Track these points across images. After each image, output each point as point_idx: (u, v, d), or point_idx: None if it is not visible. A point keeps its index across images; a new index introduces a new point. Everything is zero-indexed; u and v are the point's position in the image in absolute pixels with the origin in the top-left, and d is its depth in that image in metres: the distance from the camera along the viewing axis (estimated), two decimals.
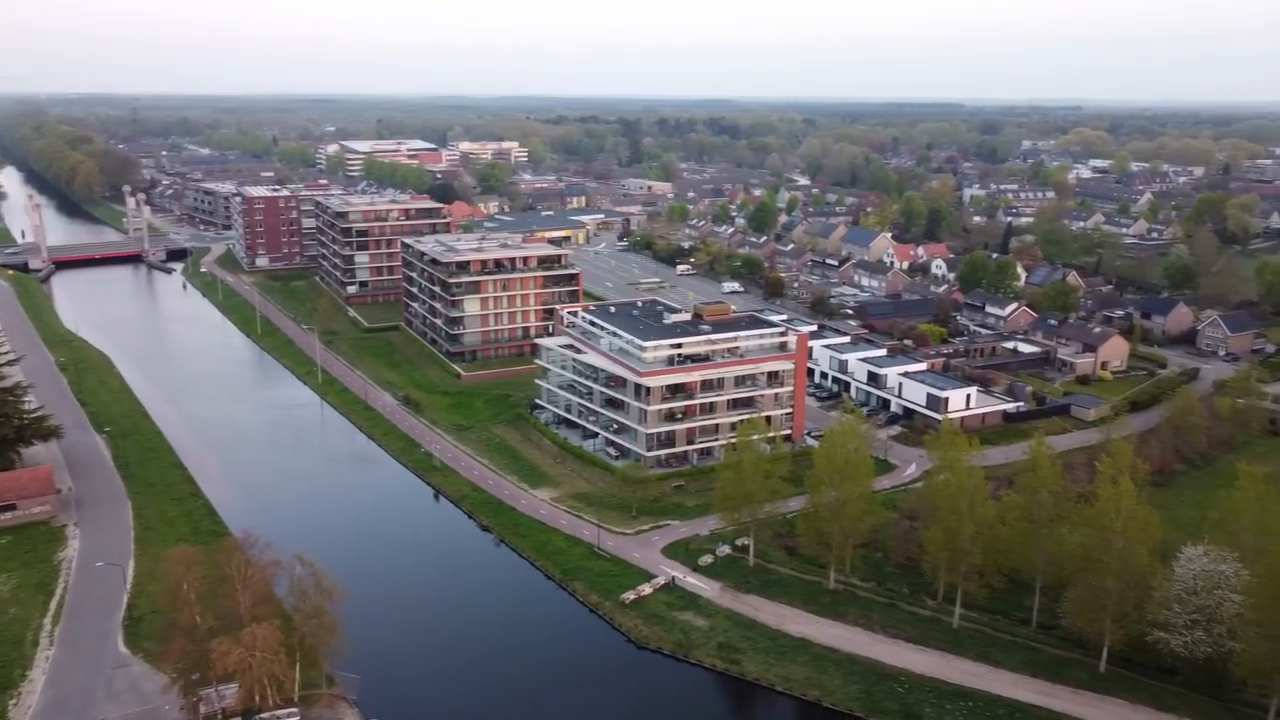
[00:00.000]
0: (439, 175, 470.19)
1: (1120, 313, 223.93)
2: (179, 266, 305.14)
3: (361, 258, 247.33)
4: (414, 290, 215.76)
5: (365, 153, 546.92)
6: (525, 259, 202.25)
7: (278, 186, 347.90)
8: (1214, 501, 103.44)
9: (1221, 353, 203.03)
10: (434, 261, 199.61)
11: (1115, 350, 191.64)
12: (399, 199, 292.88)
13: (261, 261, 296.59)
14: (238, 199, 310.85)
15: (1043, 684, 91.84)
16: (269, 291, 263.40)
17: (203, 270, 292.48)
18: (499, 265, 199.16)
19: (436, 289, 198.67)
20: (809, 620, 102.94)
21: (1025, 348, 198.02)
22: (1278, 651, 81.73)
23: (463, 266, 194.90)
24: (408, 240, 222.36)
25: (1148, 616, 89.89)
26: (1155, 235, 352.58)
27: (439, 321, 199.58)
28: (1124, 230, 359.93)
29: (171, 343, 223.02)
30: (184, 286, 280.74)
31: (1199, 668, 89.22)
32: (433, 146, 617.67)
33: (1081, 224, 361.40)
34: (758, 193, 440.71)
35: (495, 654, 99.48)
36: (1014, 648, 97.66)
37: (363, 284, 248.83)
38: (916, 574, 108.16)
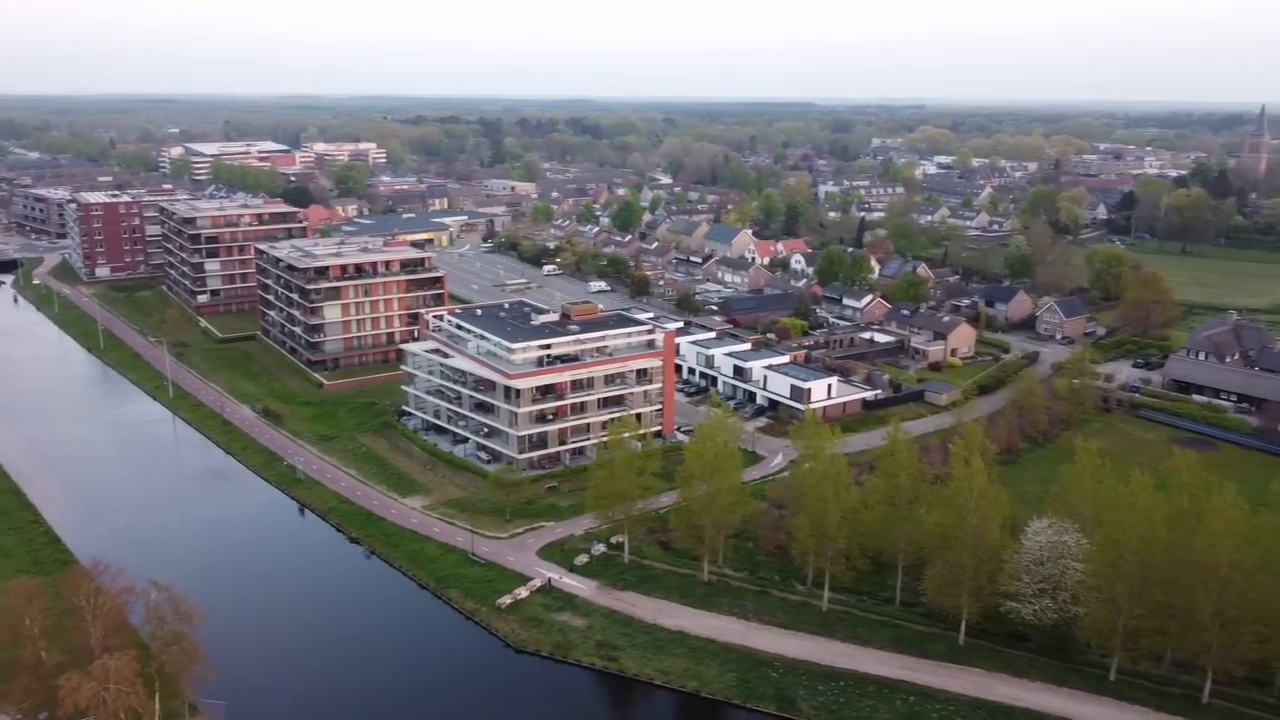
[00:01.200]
0: (293, 178, 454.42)
1: (967, 302, 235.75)
2: (8, 279, 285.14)
3: (212, 265, 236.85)
4: (270, 298, 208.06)
5: (212, 155, 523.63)
6: (387, 263, 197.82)
7: (117, 192, 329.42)
8: (1055, 476, 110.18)
9: (1058, 336, 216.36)
10: (290, 268, 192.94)
11: (963, 337, 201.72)
12: (251, 203, 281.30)
13: (102, 272, 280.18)
14: (73, 206, 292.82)
15: (907, 659, 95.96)
16: (111, 303, 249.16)
17: (36, 282, 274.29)
18: (360, 270, 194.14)
19: (294, 296, 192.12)
20: (685, 613, 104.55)
21: (881, 338, 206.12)
22: (1115, 614, 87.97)
23: (321, 272, 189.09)
24: (262, 246, 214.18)
25: (1000, 588, 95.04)
26: (996, 227, 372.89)
27: (298, 330, 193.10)
28: (968, 223, 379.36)
29: (1, 360, 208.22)
30: (15, 300, 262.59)
31: (1047, 633, 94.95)
32: (285, 148, 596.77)
33: (929, 218, 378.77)
34: (621, 192, 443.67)
35: (370, 670, 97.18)
36: (880, 626, 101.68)
37: (214, 293, 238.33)
38: (786, 561, 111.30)
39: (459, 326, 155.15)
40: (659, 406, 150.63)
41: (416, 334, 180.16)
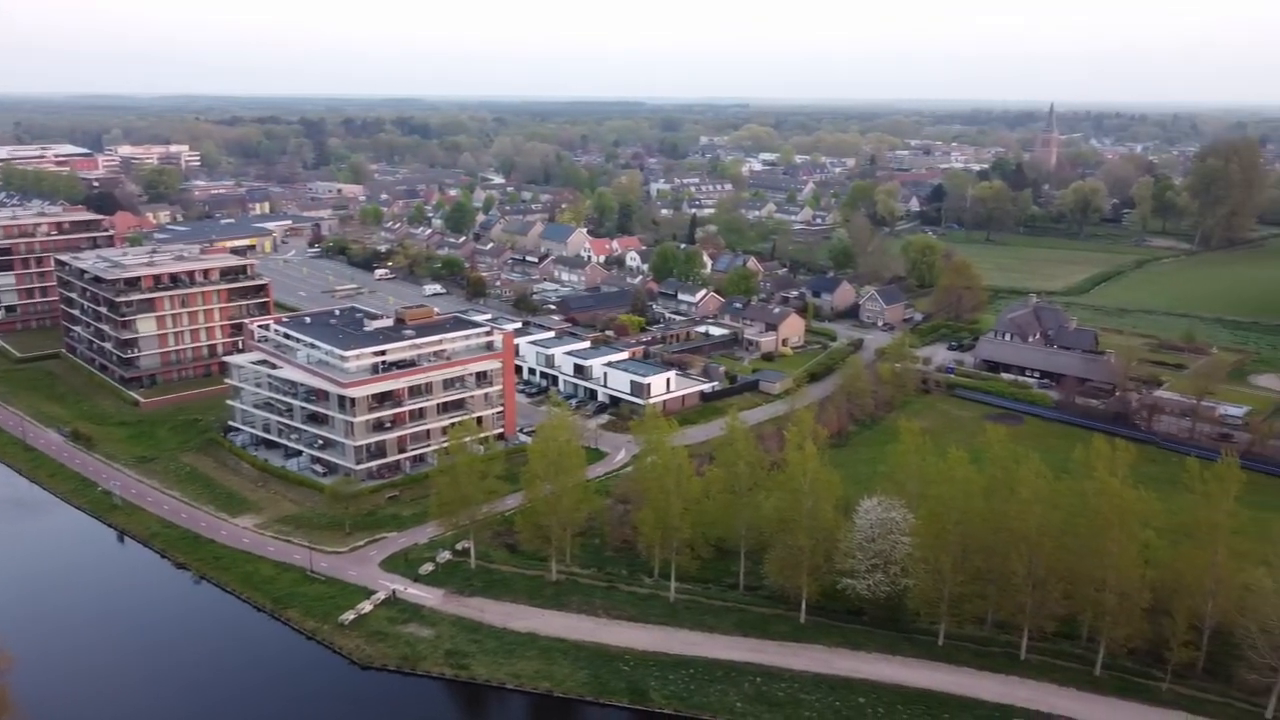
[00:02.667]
0: (96, 184, 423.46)
1: (795, 293, 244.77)
2: None
3: (6, 279, 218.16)
4: (75, 313, 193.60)
5: (2, 160, 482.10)
6: (205, 271, 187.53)
7: None
8: (883, 456, 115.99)
9: (880, 323, 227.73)
10: (97, 279, 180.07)
11: (793, 328, 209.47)
12: (49, 211, 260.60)
13: None
14: None
15: (753, 641, 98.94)
16: None
17: None
18: (175, 280, 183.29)
19: (103, 310, 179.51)
20: (534, 614, 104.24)
21: (716, 331, 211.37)
22: (940, 583, 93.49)
23: (132, 283, 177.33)
24: (63, 257, 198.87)
25: (836, 567, 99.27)
26: (819, 221, 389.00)
27: (109, 345, 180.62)
28: (793, 217, 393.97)
29: None
30: None
31: (881, 606, 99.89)
32: (87, 151, 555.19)
33: (757, 213, 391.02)
34: (453, 192, 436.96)
35: (206, 699, 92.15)
36: (726, 612, 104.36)
37: (10, 309, 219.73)
38: (633, 555, 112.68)
39: (287, 335, 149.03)
40: (500, 409, 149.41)
41: (241, 345, 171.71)
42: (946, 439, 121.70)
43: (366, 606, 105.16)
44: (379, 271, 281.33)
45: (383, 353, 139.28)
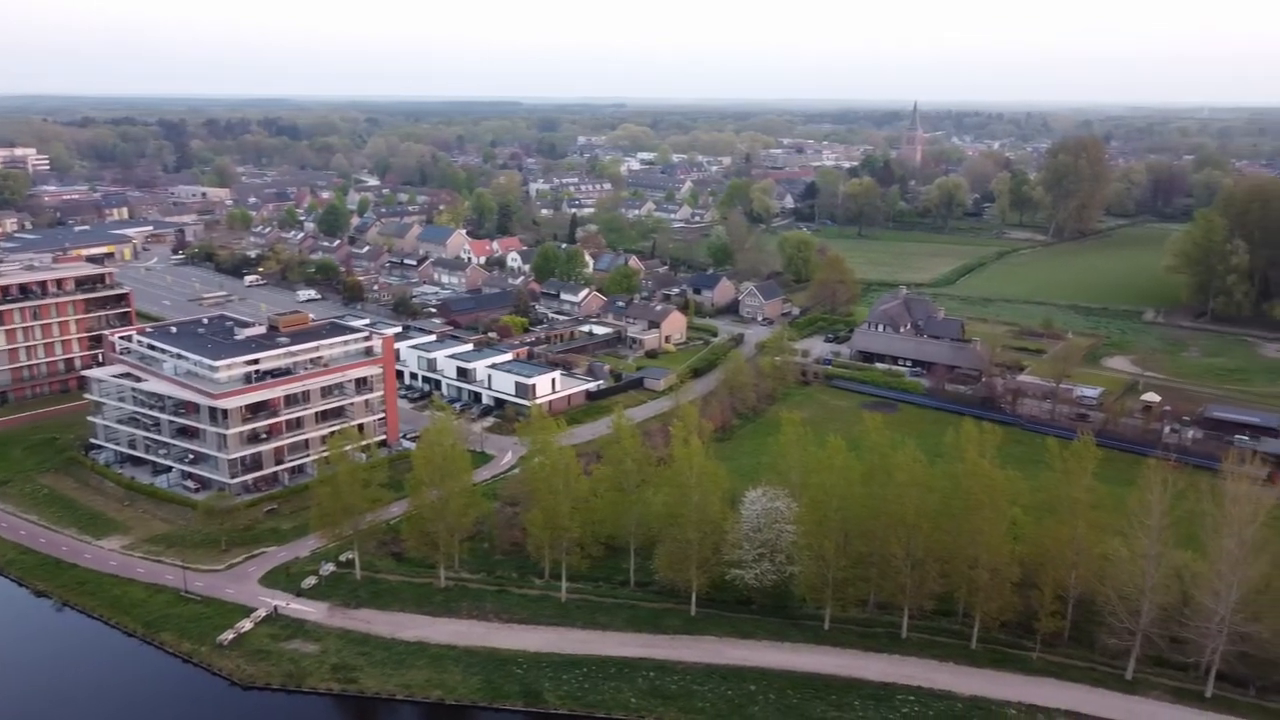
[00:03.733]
0: None
1: (676, 290, 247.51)
2: None
3: None
4: None
5: None
6: (59, 281, 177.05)
7: None
8: (766, 448, 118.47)
9: (759, 318, 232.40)
10: None
11: (675, 324, 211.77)
12: None
13: None
14: None
15: (645, 636, 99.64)
16: None
17: None
18: (25, 291, 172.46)
19: None
20: (424, 623, 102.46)
21: (599, 329, 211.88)
22: (824, 569, 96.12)
23: None
24: None
25: (724, 558, 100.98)
26: (698, 219, 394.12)
27: None
28: (672, 216, 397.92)
29: None
30: None
31: (769, 594, 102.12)
32: None
33: (636, 212, 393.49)
34: (326, 195, 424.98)
35: None
36: (617, 609, 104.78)
37: None
38: (523, 557, 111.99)
39: (152, 347, 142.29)
40: (382, 415, 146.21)
41: (101, 358, 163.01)
42: (826, 428, 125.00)
43: (246, 625, 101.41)
44: (249, 278, 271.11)
45: (256, 361, 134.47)
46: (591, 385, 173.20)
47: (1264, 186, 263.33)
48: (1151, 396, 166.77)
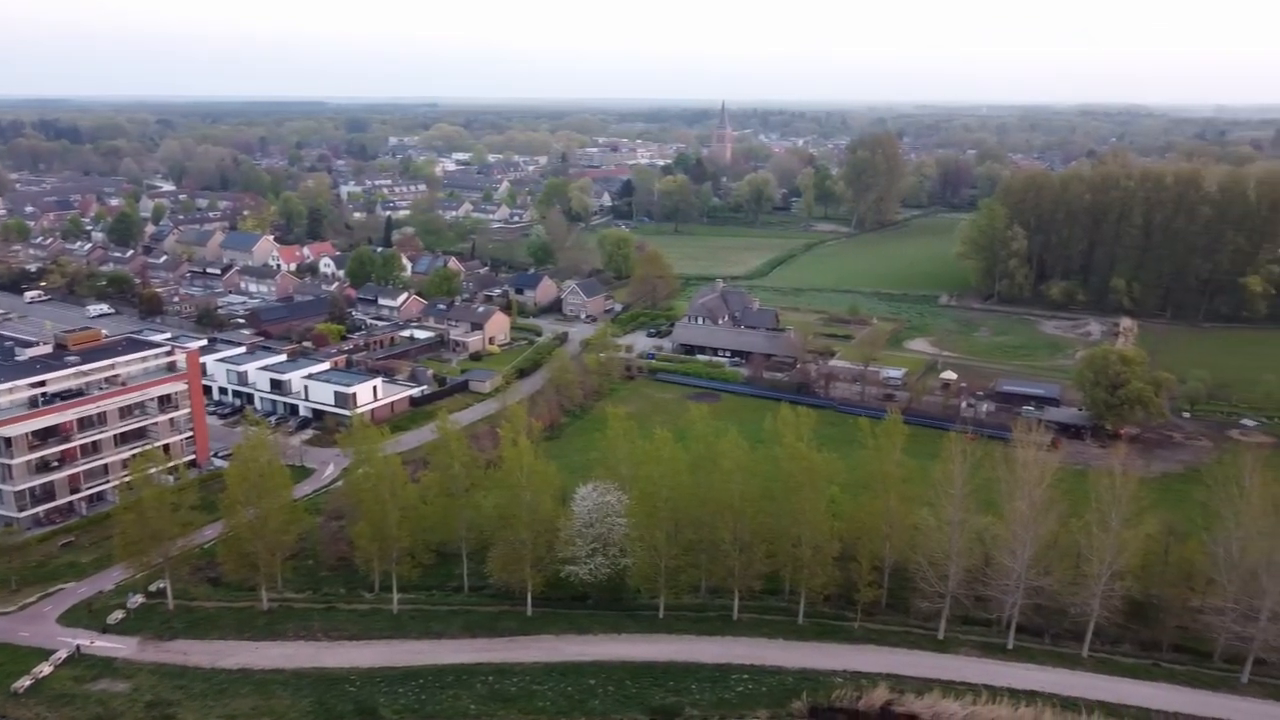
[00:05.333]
0: None
1: (498, 291, 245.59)
2: None
3: None
4: None
5: None
6: None
7: None
8: (595, 444, 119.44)
9: (583, 316, 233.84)
10: None
11: (499, 326, 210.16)
12: None
13: None
14: None
15: (481, 641, 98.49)
16: None
17: None
18: None
19: None
20: (247, 648, 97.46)
21: (420, 334, 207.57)
22: (657, 559, 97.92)
23: None
24: None
25: (558, 555, 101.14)
26: (516, 219, 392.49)
27: None
28: (490, 216, 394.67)
29: None
30: None
31: (604, 588, 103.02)
32: None
33: (454, 213, 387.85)
34: (115, 202, 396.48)
35: None
36: (452, 616, 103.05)
37: None
38: (351, 571, 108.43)
39: None
40: (189, 434, 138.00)
41: None
42: (652, 421, 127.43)
43: (45, 669, 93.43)
44: (30, 293, 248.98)
45: (42, 383, 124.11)
46: (415, 391, 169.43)
47: (1037, 178, 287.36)
48: (949, 375, 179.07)
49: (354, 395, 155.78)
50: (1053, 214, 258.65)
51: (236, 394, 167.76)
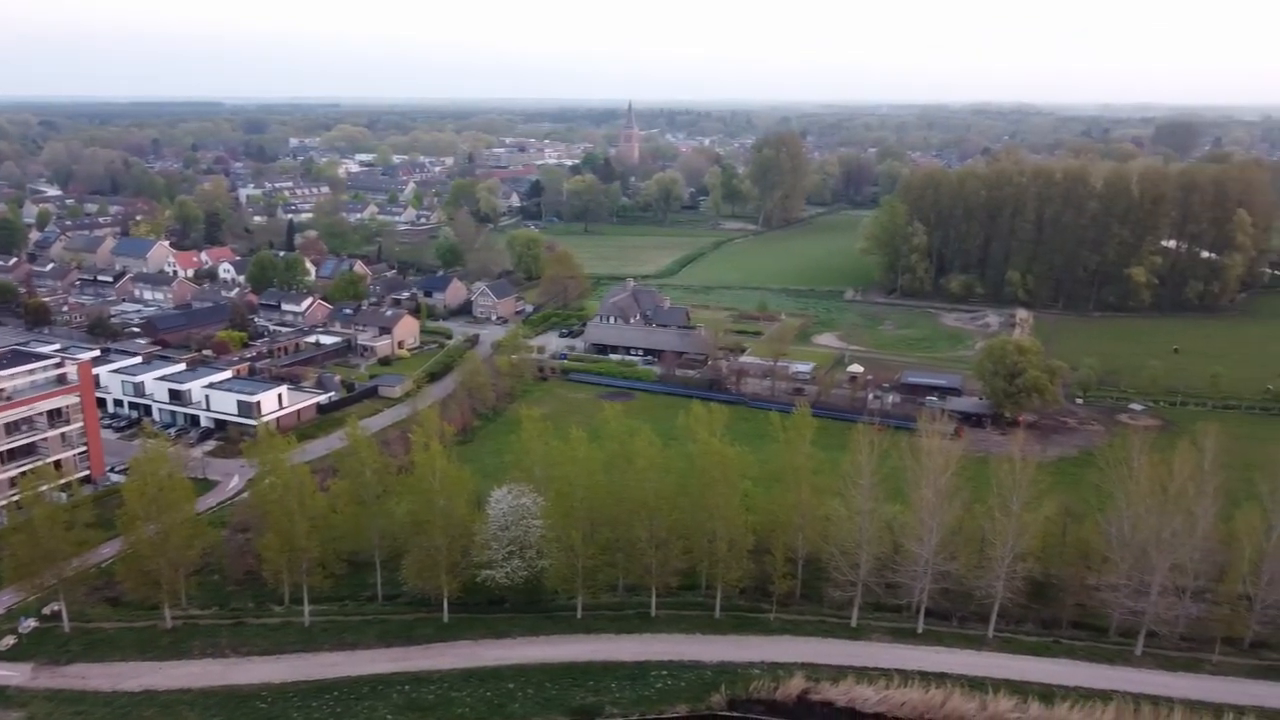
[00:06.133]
0: None
1: (406, 294, 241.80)
2: None
3: None
4: None
5: None
6: None
7: None
8: (509, 446, 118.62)
9: (493, 318, 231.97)
10: None
11: (407, 329, 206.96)
12: None
13: None
14: None
15: (397, 650, 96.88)
16: None
17: None
18: None
19: None
20: (150, 669, 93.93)
21: (327, 339, 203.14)
22: (573, 559, 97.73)
23: None
24: None
25: (474, 560, 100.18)
26: (423, 220, 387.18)
27: None
28: (397, 218, 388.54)
29: None
30: None
31: (521, 591, 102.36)
32: None
33: (359, 215, 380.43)
34: None
35: None
36: (366, 626, 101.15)
37: None
38: (259, 585, 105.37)
39: None
40: (83, 449, 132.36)
41: None
42: (566, 421, 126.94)
43: None
44: None
45: None
46: (322, 398, 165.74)
47: (935, 175, 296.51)
48: (856, 368, 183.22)
49: (258, 404, 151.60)
50: (951, 210, 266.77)
51: (133, 406, 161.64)
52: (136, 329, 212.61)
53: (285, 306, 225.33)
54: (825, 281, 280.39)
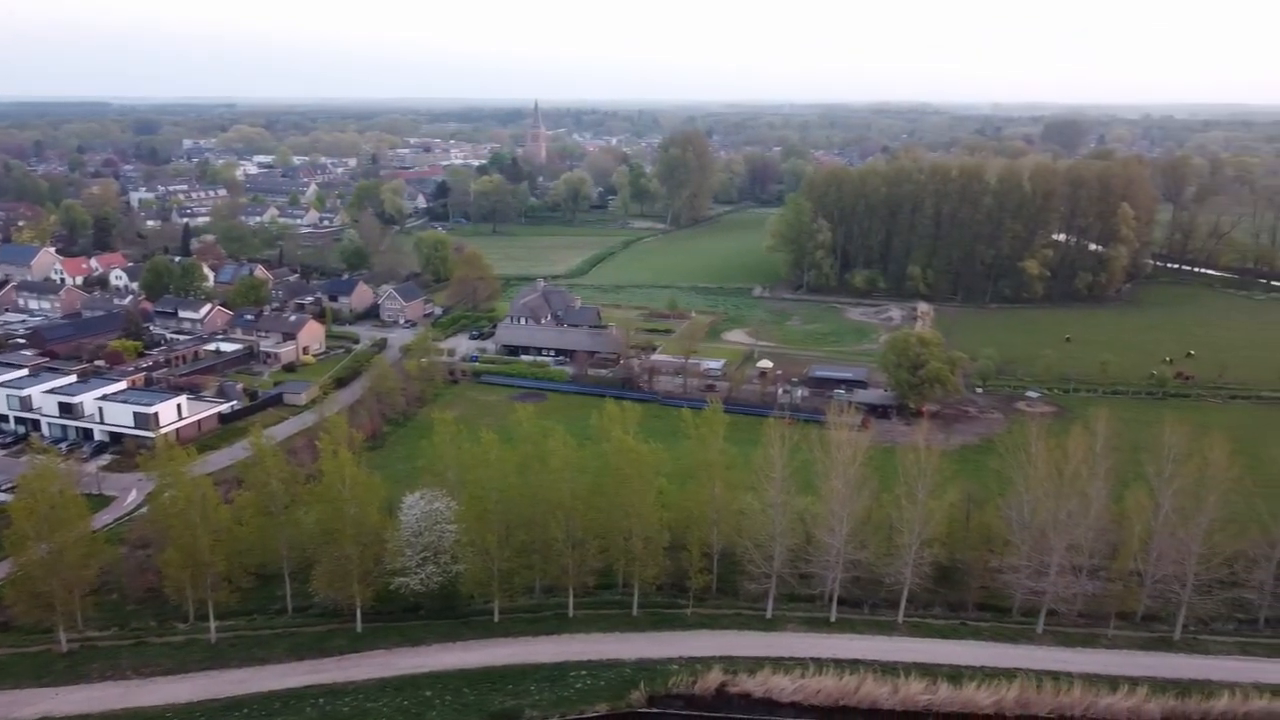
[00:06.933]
0: None
1: (310, 299, 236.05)
2: None
3: None
4: None
5: None
6: None
7: None
8: (420, 451, 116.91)
9: (401, 321, 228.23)
10: None
11: (312, 334, 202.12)
12: None
13: None
14: None
15: (309, 663, 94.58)
16: None
17: None
18: None
19: None
20: (45, 696, 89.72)
21: (227, 346, 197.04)
22: (489, 563, 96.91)
23: None
24: None
25: (387, 568, 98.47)
26: (327, 223, 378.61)
27: None
28: (299, 221, 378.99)
29: None
30: None
31: (437, 597, 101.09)
32: None
33: (258, 218, 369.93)
34: None
35: None
36: (276, 640, 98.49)
37: None
38: (161, 603, 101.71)
39: None
40: None
41: None
42: (479, 424, 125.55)
43: None
44: None
45: None
46: (224, 407, 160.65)
47: (838, 173, 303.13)
48: (765, 363, 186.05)
49: (156, 415, 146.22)
50: (853, 207, 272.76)
51: (20, 421, 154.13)
52: (22, 340, 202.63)
53: (183, 314, 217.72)
54: (733, 279, 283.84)
